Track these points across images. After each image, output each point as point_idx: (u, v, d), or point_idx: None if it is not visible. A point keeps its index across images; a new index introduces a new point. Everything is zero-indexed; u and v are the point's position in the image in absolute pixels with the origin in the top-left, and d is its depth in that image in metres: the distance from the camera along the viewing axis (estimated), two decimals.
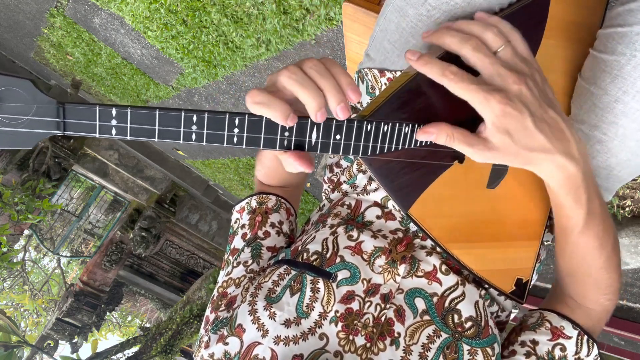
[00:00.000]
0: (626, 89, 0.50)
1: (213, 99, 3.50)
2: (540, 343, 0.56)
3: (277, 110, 0.40)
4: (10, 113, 0.37)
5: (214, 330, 0.57)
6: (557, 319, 0.57)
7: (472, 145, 0.43)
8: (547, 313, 0.59)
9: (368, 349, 0.51)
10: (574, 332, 0.55)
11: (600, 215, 0.49)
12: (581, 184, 0.45)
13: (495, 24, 0.44)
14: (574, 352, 0.54)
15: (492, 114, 0.41)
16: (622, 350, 2.38)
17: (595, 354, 0.55)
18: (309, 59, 0.42)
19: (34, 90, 0.37)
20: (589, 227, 0.49)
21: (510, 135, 0.42)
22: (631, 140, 0.52)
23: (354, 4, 0.85)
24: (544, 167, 0.44)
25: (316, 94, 0.41)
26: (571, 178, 0.45)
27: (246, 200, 0.71)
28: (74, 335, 7.25)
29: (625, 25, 0.49)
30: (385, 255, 0.58)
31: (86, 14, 3.36)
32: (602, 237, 0.50)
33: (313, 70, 0.41)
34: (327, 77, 0.41)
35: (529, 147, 0.43)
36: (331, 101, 0.41)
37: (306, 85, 0.41)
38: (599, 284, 0.54)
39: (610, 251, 0.52)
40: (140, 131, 0.40)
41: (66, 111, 0.38)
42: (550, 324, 0.57)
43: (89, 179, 7.44)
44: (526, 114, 0.41)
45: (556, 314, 0.58)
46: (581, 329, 0.55)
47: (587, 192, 0.46)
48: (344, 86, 0.42)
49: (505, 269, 0.57)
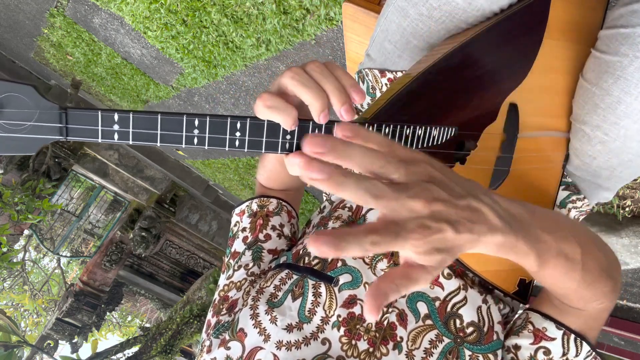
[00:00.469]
0: (629, 90, 0.50)
1: (213, 99, 3.49)
2: (522, 347, 0.54)
3: (288, 116, 0.40)
4: (13, 119, 0.37)
5: (216, 334, 0.56)
6: (540, 320, 0.55)
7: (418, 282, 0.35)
8: (532, 314, 0.56)
9: (371, 353, 0.51)
10: (559, 333, 0.53)
11: (556, 248, 0.44)
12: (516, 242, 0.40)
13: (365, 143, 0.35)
14: (561, 354, 0.52)
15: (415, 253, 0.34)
16: (622, 350, 2.38)
17: (587, 350, 0.52)
18: (311, 62, 0.42)
19: (37, 96, 0.37)
20: (545, 265, 0.44)
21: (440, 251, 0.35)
22: (633, 141, 0.52)
23: (354, 4, 0.85)
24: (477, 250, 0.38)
25: (320, 95, 0.40)
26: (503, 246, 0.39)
27: (246, 203, 0.70)
28: (74, 335, 7.25)
29: (629, 27, 0.49)
30: (387, 259, 0.57)
31: (86, 14, 3.35)
32: (565, 265, 0.45)
33: (315, 72, 0.41)
34: (330, 78, 0.41)
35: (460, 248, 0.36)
36: (335, 102, 0.41)
37: (310, 86, 0.40)
38: (582, 297, 0.50)
39: (580, 272, 0.46)
40: (142, 136, 0.41)
41: (69, 117, 0.38)
42: (533, 326, 0.55)
43: (89, 179, 7.44)
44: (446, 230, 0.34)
45: (540, 314, 0.55)
46: (567, 328, 0.52)
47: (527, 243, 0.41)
48: (347, 87, 0.41)
49: (509, 269, 0.57)
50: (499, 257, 0.56)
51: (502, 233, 0.39)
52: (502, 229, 0.39)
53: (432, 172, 0.36)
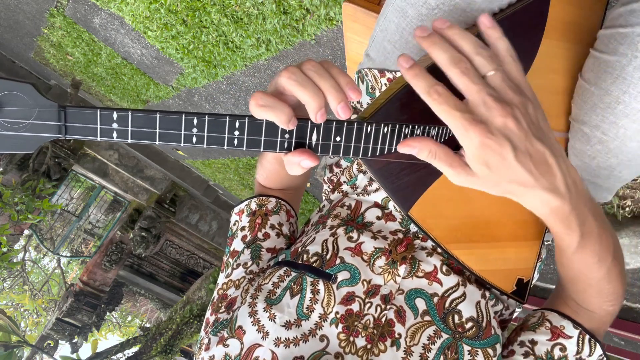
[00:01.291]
0: (627, 89, 0.50)
1: (213, 99, 3.50)
2: (539, 343, 0.55)
3: (281, 113, 0.40)
4: (12, 117, 0.37)
5: (214, 332, 0.57)
6: (557, 319, 0.57)
7: (453, 167, 0.42)
8: (548, 312, 0.58)
9: (369, 350, 0.51)
10: (575, 332, 0.55)
11: (597, 234, 0.48)
12: (569, 214, 0.44)
13: (493, 43, 0.42)
14: (575, 352, 0.54)
15: (471, 145, 0.39)
16: (622, 350, 2.38)
17: (599, 354, 0.54)
18: (307, 61, 0.42)
19: (36, 94, 0.37)
20: (584, 247, 0.48)
21: (489, 167, 0.40)
22: (632, 140, 0.52)
23: (354, 4, 0.85)
24: (525, 199, 0.43)
25: (316, 93, 0.41)
26: (556, 211, 0.43)
27: (245, 203, 0.71)
28: (74, 335, 7.25)
29: (627, 26, 0.49)
30: (386, 256, 0.58)
31: (86, 14, 3.35)
32: (600, 253, 0.49)
33: (312, 71, 0.41)
34: (326, 77, 0.41)
35: (509, 179, 0.41)
36: (331, 100, 0.41)
37: (306, 85, 0.41)
38: (600, 293, 0.53)
39: (610, 264, 0.50)
40: (141, 134, 0.41)
41: (67, 115, 0.39)
42: (550, 324, 0.57)
43: (89, 179, 7.44)
44: (507, 148, 0.39)
45: (557, 314, 0.57)
46: (583, 328, 0.55)
47: (578, 219, 0.44)
48: (343, 85, 0.41)
49: (506, 269, 0.57)
50: (498, 256, 0.56)
51: (561, 198, 0.42)
52: (564, 195, 0.42)
53: (526, 104, 0.40)
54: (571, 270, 0.52)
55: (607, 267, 0.50)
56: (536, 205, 0.43)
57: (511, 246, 0.57)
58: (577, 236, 0.46)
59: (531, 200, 0.43)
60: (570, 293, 0.57)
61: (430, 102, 0.40)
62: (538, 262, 0.60)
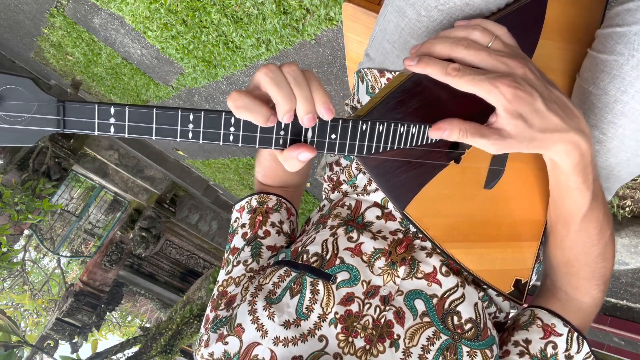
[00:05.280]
0: (625, 88, 0.50)
1: (213, 99, 3.50)
2: (533, 341, 0.56)
3: (258, 114, 0.41)
4: (12, 111, 0.38)
5: (214, 329, 0.57)
6: (548, 317, 0.58)
7: (486, 137, 0.42)
8: (538, 310, 0.59)
9: (367, 351, 0.51)
10: (565, 330, 0.56)
11: (602, 199, 0.50)
12: (590, 161, 0.46)
13: (478, 24, 0.45)
14: (564, 349, 0.55)
15: (503, 100, 0.40)
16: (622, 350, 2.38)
17: (586, 351, 0.55)
18: (290, 64, 0.42)
19: (35, 89, 0.38)
20: (592, 211, 0.49)
21: (523, 119, 0.41)
22: (631, 140, 0.52)
23: (354, 4, 0.85)
24: (559, 148, 0.44)
25: (289, 97, 0.41)
26: (584, 155, 0.45)
27: (246, 200, 0.71)
28: (74, 335, 7.25)
29: (624, 25, 0.50)
30: (385, 257, 0.58)
31: (86, 14, 3.36)
32: (603, 222, 0.51)
33: (291, 75, 0.41)
34: (303, 86, 0.41)
35: (544, 128, 0.42)
36: (300, 110, 0.41)
37: (281, 86, 0.40)
38: (593, 274, 0.55)
39: (608, 238, 0.53)
40: (138, 129, 0.41)
41: (66, 109, 0.39)
42: (542, 322, 0.57)
43: (89, 179, 7.44)
44: (536, 96, 0.41)
45: (547, 312, 0.58)
46: (571, 326, 0.56)
47: (593, 172, 0.47)
48: (317, 101, 0.41)
49: (504, 269, 0.57)
50: (495, 256, 0.56)
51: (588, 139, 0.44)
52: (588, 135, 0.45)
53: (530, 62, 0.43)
54: (572, 249, 0.54)
55: (606, 240, 0.52)
56: (568, 151, 0.44)
57: (509, 246, 0.57)
58: (590, 194, 0.48)
59: (563, 147, 0.44)
60: (561, 281, 0.58)
61: (451, 81, 0.41)
62: (536, 263, 0.60)
